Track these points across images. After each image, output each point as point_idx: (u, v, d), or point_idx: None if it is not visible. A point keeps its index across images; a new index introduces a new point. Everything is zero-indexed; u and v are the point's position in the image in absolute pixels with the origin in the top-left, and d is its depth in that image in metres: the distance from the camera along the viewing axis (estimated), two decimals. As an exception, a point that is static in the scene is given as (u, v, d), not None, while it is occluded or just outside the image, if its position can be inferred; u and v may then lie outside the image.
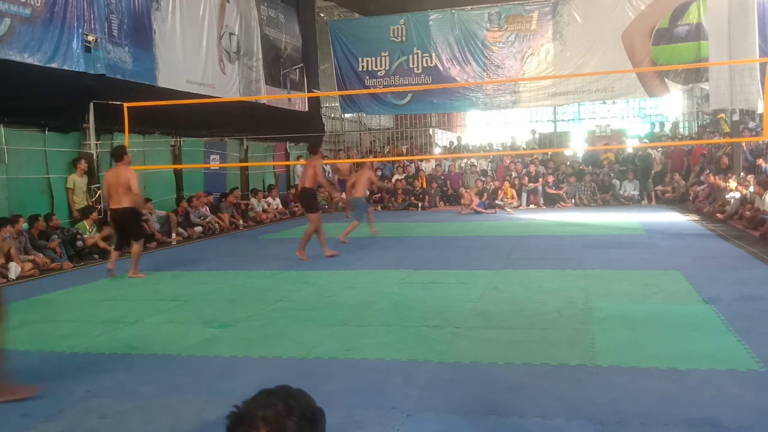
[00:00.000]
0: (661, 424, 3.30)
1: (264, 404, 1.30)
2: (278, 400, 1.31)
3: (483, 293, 6.52)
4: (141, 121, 10.95)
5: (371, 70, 20.10)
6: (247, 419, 1.29)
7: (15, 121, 9.63)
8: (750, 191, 11.16)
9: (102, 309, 6.48)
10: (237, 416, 1.31)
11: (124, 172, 7.93)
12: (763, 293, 5.98)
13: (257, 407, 1.30)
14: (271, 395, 1.33)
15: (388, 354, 4.61)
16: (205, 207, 13.10)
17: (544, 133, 21.30)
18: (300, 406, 1.32)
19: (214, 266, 8.91)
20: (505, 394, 3.80)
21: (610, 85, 18.13)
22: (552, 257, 8.54)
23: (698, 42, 16.99)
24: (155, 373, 4.45)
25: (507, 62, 19.03)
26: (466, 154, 19.13)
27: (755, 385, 3.76)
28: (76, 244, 9.73)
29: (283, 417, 1.28)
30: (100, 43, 10.99)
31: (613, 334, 4.89)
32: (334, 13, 22.09)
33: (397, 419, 3.49)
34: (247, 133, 15.52)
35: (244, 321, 5.78)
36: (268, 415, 1.28)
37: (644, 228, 11.28)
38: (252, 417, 1.29)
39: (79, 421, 3.66)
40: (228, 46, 15.17)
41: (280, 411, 1.29)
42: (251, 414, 1.29)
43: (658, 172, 16.61)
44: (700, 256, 8.16)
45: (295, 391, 1.36)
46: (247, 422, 1.29)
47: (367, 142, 22.45)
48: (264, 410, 1.29)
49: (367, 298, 6.48)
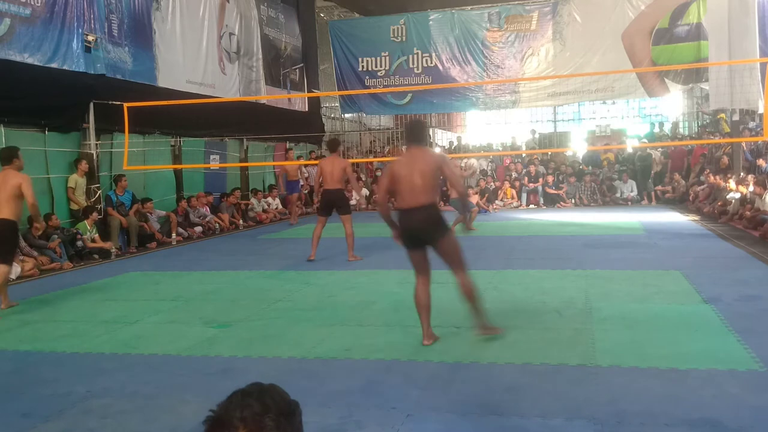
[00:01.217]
0: (661, 424, 3.30)
1: (240, 405, 1.29)
2: (253, 400, 1.30)
3: (483, 293, 6.50)
4: (141, 121, 10.96)
5: (371, 70, 20.10)
6: (225, 422, 1.28)
7: (15, 121, 9.62)
8: (750, 191, 11.15)
9: (102, 309, 6.49)
10: (214, 420, 1.30)
11: (13, 178, 6.47)
12: (763, 293, 5.98)
13: (233, 409, 1.29)
14: (246, 395, 1.32)
15: (388, 354, 4.61)
16: (206, 207, 13.11)
17: (544, 133, 21.31)
18: (275, 402, 1.31)
19: (214, 266, 8.91)
20: (505, 394, 3.80)
21: (610, 85, 18.13)
22: (552, 257, 8.54)
23: (698, 42, 16.98)
24: (155, 373, 4.45)
25: (507, 62, 19.02)
26: (466, 154, 19.13)
27: (755, 385, 3.76)
28: (76, 244, 9.73)
29: (260, 415, 1.28)
30: (100, 43, 10.99)
31: (613, 334, 4.89)
32: (334, 13, 22.09)
33: (397, 419, 3.49)
34: (247, 133, 15.52)
35: (244, 321, 5.78)
36: (245, 415, 1.27)
37: (644, 228, 11.27)
38: (229, 419, 1.28)
39: (79, 421, 3.66)
40: (228, 46, 15.17)
41: (257, 410, 1.28)
42: (228, 416, 1.28)
43: (658, 172, 16.61)
44: (700, 256, 8.16)
45: (268, 388, 1.35)
46: (226, 425, 1.28)
47: (367, 142, 22.46)
48: (241, 411, 1.28)
49: (367, 298, 6.48)
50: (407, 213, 4.62)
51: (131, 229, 10.83)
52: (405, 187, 4.60)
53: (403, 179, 4.61)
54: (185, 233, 12.12)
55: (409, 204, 4.59)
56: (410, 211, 4.60)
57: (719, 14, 13.62)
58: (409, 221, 4.61)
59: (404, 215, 4.64)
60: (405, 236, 4.67)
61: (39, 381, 4.35)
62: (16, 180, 6.46)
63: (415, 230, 4.60)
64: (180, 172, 13.31)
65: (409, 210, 4.60)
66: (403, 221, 4.66)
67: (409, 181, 4.58)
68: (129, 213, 11.01)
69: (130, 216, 10.92)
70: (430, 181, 4.60)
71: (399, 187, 4.63)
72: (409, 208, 4.59)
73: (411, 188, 4.58)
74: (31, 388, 4.21)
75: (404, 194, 4.61)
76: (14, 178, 6.48)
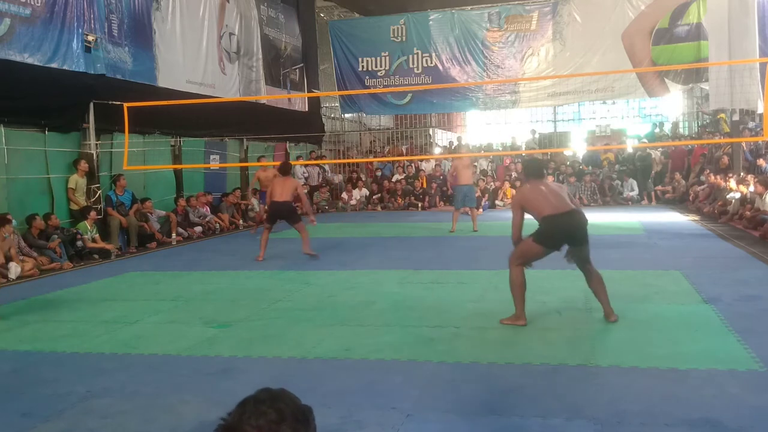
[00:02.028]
0: (661, 424, 3.30)
1: (254, 413, 1.24)
2: (267, 407, 1.25)
3: (483, 293, 6.53)
4: (141, 121, 10.95)
5: (371, 70, 20.10)
6: (239, 431, 1.23)
7: (15, 121, 9.62)
8: (750, 191, 11.15)
9: (102, 309, 6.48)
10: (226, 429, 1.25)
11: None
12: (763, 293, 5.98)
13: (248, 418, 1.24)
14: (259, 403, 1.26)
15: (388, 354, 4.61)
16: (206, 207, 13.10)
17: (544, 133, 21.30)
18: (290, 409, 1.27)
19: (214, 266, 8.91)
20: (505, 394, 3.80)
21: (610, 85, 18.13)
22: (552, 257, 8.51)
23: (698, 42, 16.98)
24: (155, 373, 4.45)
25: (507, 62, 19.02)
26: (466, 154, 19.10)
27: (755, 385, 3.76)
28: (76, 244, 9.73)
29: (276, 424, 1.23)
30: (100, 43, 10.99)
31: (613, 334, 4.89)
32: (334, 13, 22.09)
33: (397, 419, 3.49)
34: (247, 133, 15.52)
35: (244, 321, 5.78)
36: (261, 424, 1.22)
37: (644, 228, 11.27)
38: (244, 428, 1.23)
39: (79, 421, 3.66)
40: (228, 46, 15.17)
41: (273, 418, 1.24)
42: (242, 426, 1.23)
43: (658, 172, 16.61)
44: (700, 256, 8.16)
45: (279, 393, 1.30)
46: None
47: (367, 142, 22.46)
48: (256, 419, 1.23)
49: (367, 298, 6.48)
50: (563, 216, 5.15)
51: (131, 229, 10.83)
52: (550, 200, 5.18)
53: (545, 196, 5.22)
54: (185, 233, 12.12)
55: (559, 210, 5.14)
56: (565, 215, 5.15)
57: (719, 14, 13.63)
58: (568, 222, 5.16)
59: (560, 218, 5.14)
60: (554, 236, 5.19)
61: (39, 381, 4.35)
62: None
63: (573, 229, 5.17)
64: (180, 172, 13.31)
65: (563, 214, 5.15)
66: (557, 223, 5.14)
67: (550, 197, 5.22)
68: (129, 213, 11.01)
69: (130, 216, 10.92)
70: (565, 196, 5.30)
71: (542, 204, 5.18)
72: (563, 213, 5.14)
73: (556, 200, 5.19)
74: (31, 388, 4.21)
75: (551, 204, 5.17)
76: None
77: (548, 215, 5.15)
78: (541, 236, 5.20)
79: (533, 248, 5.23)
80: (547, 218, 5.15)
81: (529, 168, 5.73)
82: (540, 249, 5.23)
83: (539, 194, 5.27)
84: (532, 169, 5.62)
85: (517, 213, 5.36)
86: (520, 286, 5.28)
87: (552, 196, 5.24)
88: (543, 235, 5.20)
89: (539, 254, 5.26)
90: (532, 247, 5.23)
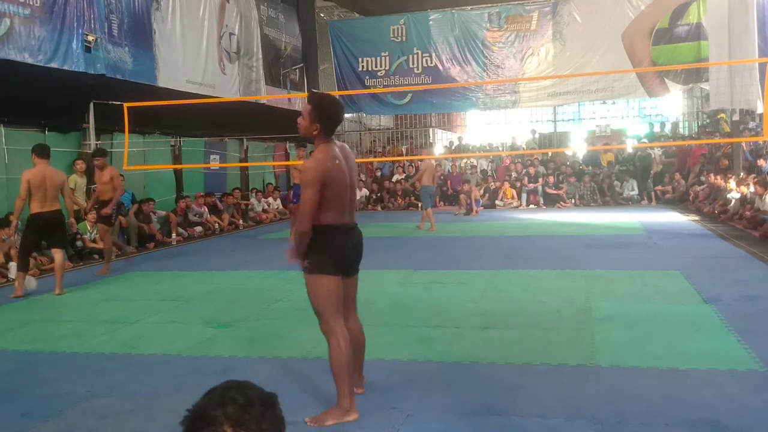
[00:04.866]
0: (661, 424, 3.30)
1: (222, 401, 1.25)
2: (234, 394, 1.26)
3: (483, 293, 6.52)
4: (141, 121, 10.95)
5: (371, 70, 20.10)
6: (208, 418, 1.23)
7: (15, 121, 9.62)
8: (750, 191, 11.15)
9: (102, 309, 6.48)
10: (195, 418, 1.25)
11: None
12: (763, 293, 5.98)
13: (215, 405, 1.24)
14: (226, 390, 1.27)
15: (388, 354, 4.61)
16: (204, 207, 13.09)
17: (544, 133, 21.30)
18: (257, 395, 1.28)
19: (214, 266, 8.91)
20: (505, 394, 3.80)
21: (610, 85, 18.14)
22: (552, 257, 8.54)
23: (698, 42, 16.99)
24: (155, 373, 4.45)
25: (507, 62, 19.03)
26: (466, 154, 19.13)
27: (755, 385, 3.76)
28: (76, 244, 9.72)
29: (245, 408, 1.24)
30: (100, 43, 10.99)
31: (613, 334, 4.89)
32: (334, 13, 22.09)
33: (397, 419, 3.49)
34: (247, 133, 15.52)
35: (244, 321, 5.78)
36: (229, 411, 1.23)
37: (644, 228, 11.27)
38: (213, 416, 1.23)
39: (79, 421, 3.66)
40: (228, 46, 15.17)
41: (242, 403, 1.24)
42: (211, 412, 1.23)
43: (658, 172, 16.61)
44: (700, 256, 8.16)
45: (244, 383, 1.31)
46: (209, 422, 1.22)
47: (367, 142, 22.45)
48: (223, 407, 1.23)
49: (367, 298, 6.44)
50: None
51: (131, 229, 10.82)
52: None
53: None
54: (185, 233, 12.12)
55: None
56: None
57: (719, 14, 13.63)
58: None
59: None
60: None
61: (39, 381, 4.35)
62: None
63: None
64: (180, 172, 13.31)
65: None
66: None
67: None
68: (129, 213, 11.00)
69: (129, 216, 10.92)
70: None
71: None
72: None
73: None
74: (31, 388, 4.21)
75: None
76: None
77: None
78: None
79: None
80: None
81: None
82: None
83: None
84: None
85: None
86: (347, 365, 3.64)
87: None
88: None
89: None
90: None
